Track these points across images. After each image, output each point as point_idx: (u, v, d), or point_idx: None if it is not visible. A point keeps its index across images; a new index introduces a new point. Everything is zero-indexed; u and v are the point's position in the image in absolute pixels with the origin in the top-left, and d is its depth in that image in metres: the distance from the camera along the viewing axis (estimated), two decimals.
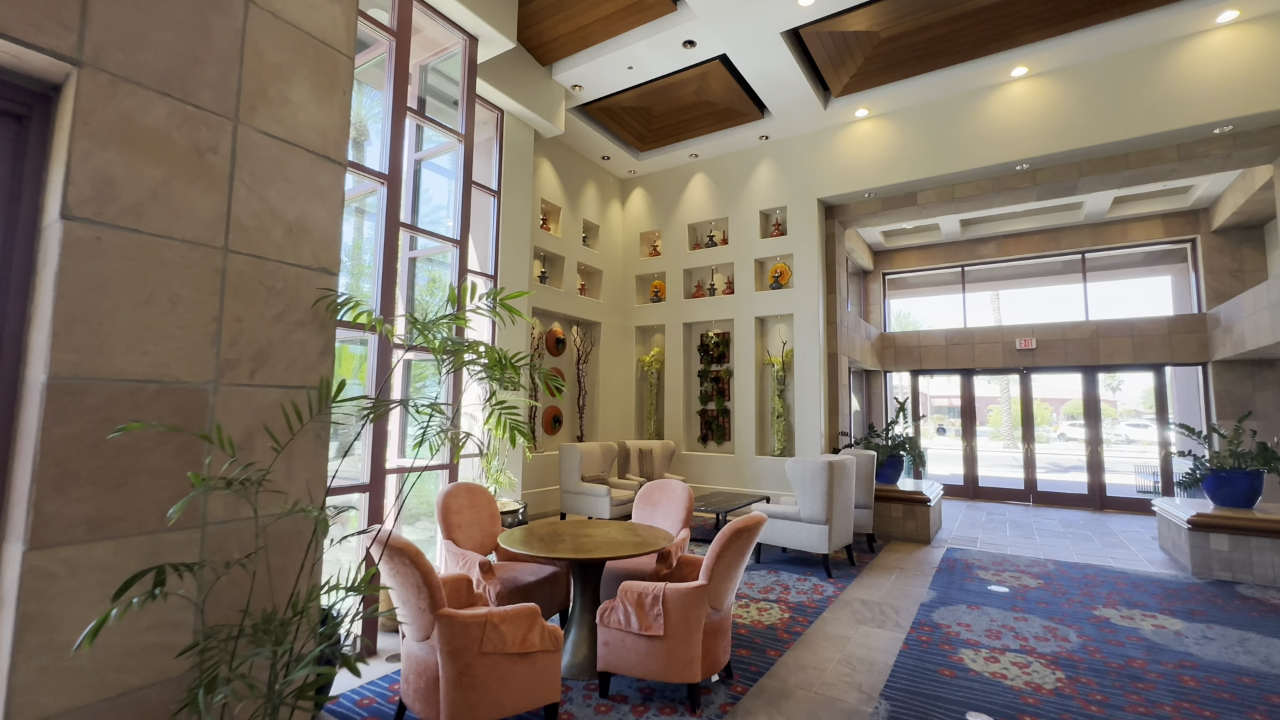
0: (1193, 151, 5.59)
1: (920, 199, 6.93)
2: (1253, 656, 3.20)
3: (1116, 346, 8.42)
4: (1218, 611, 3.95)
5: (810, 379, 7.09)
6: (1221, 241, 8.25)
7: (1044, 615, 3.84)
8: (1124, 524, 7.33)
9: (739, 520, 2.60)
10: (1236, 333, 7.01)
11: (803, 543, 4.82)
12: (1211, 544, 4.82)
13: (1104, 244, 9.06)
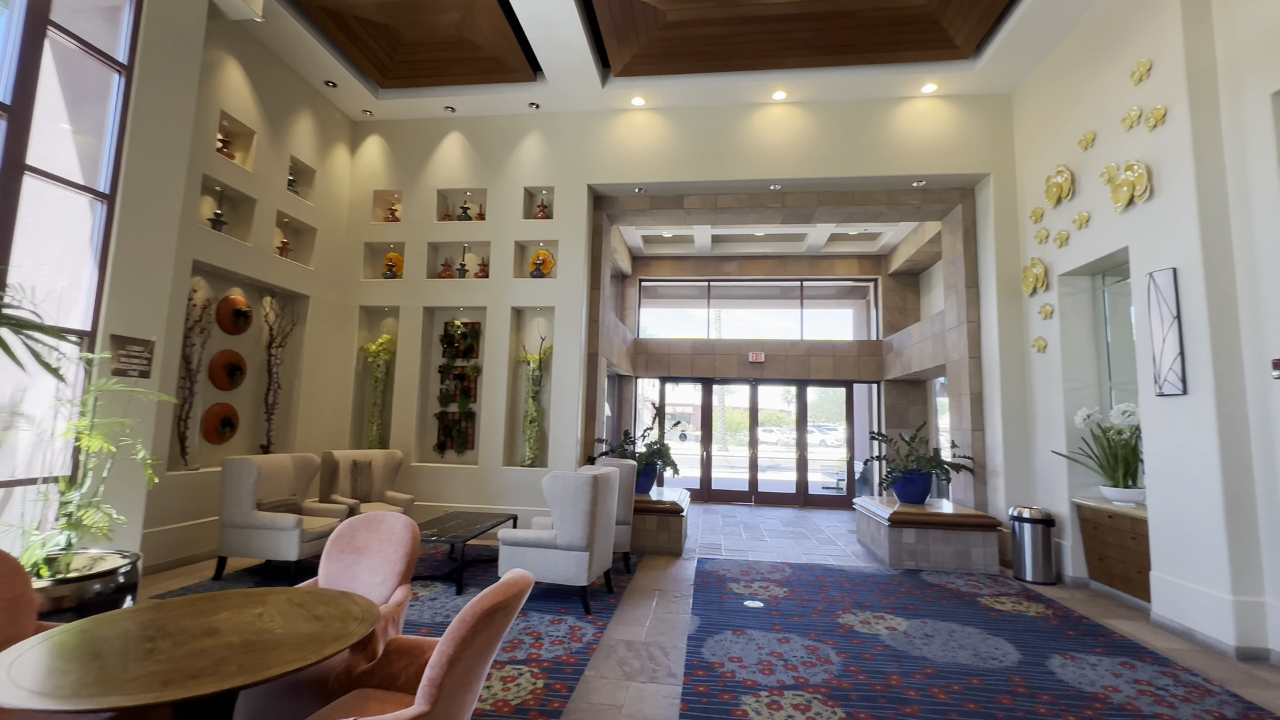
0: (898, 198, 6.52)
1: (687, 203, 6.85)
2: (967, 651, 3.43)
3: (822, 364, 9.74)
4: (921, 603, 4.35)
5: (569, 380, 6.40)
6: (894, 283, 10.23)
7: (801, 632, 3.70)
8: (824, 519, 8.35)
9: (494, 594, 1.61)
10: (905, 357, 8.60)
11: (559, 574, 4.00)
12: (904, 538, 5.50)
13: (818, 275, 10.50)
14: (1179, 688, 3.01)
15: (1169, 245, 3.97)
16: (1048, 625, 3.94)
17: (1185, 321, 3.83)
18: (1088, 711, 2.73)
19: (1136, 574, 4.39)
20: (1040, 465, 5.46)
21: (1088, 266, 4.99)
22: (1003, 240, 5.93)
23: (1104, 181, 4.60)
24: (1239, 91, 3.65)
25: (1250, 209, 3.59)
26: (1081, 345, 5.22)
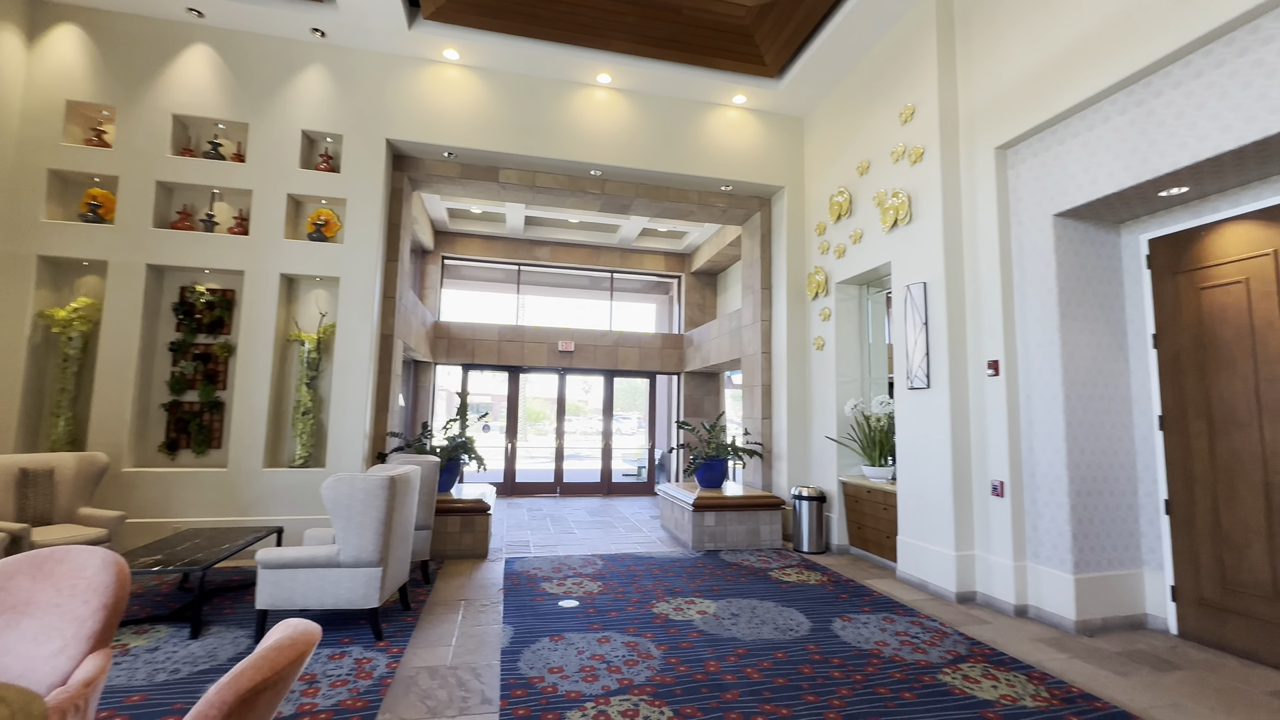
0: (708, 200, 6.87)
1: (503, 177, 6.34)
2: (769, 625, 3.67)
3: (629, 355, 9.97)
4: (724, 583, 4.60)
5: (357, 365, 5.47)
6: (696, 281, 10.90)
7: (620, 628, 3.60)
8: (627, 507, 8.55)
9: (258, 666, 1.10)
10: (704, 351, 9.21)
11: (344, 597, 3.32)
12: (705, 521, 5.82)
13: (628, 268, 10.71)
14: (925, 634, 3.58)
15: (922, 263, 4.74)
16: (826, 591, 4.44)
17: (931, 327, 4.60)
18: (869, 668, 3.07)
19: (886, 539, 5.21)
20: (816, 449, 6.21)
21: (859, 277, 5.78)
22: (793, 248, 6.60)
23: (875, 204, 5.35)
24: (974, 142, 4.49)
25: (977, 239, 4.44)
26: (851, 345, 6.05)
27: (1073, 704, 2.71)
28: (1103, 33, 3.52)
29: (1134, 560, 3.84)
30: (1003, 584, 4.06)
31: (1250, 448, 3.32)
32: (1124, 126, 3.49)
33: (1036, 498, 3.97)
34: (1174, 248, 3.75)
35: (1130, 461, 3.91)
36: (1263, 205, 3.30)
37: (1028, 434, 4.06)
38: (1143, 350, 3.91)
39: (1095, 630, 3.67)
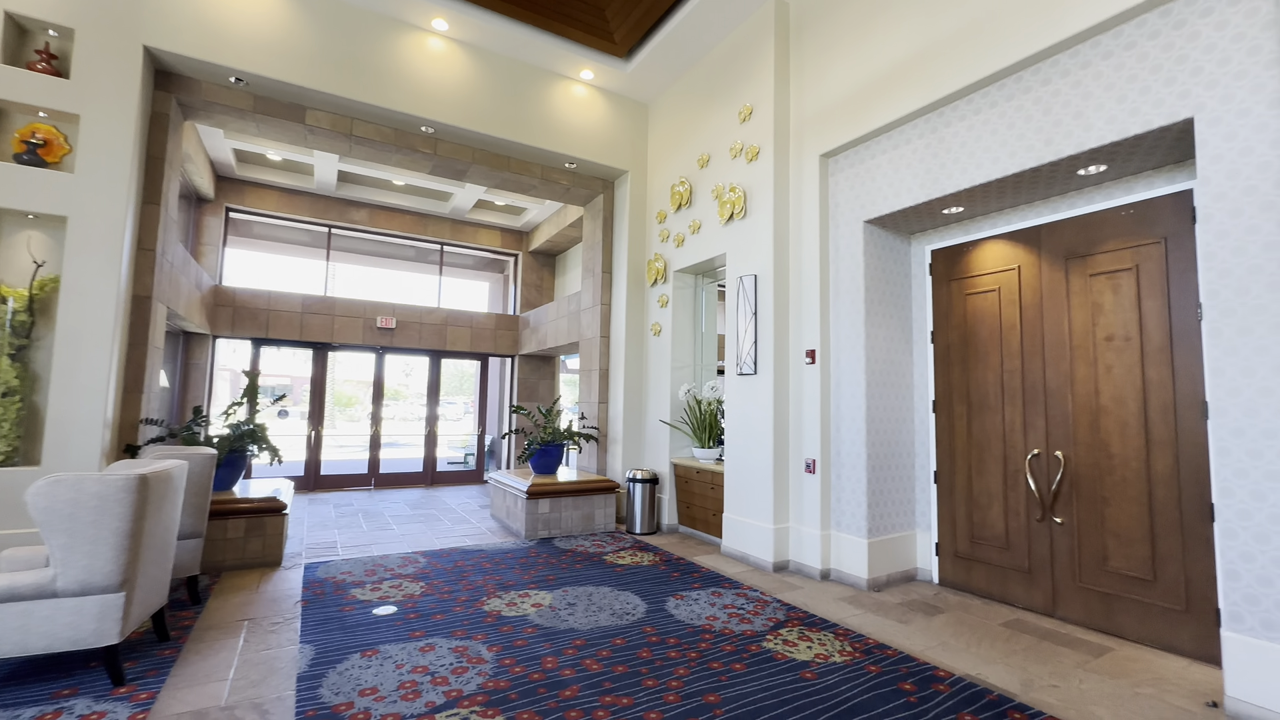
0: (552, 175, 6.59)
1: (311, 119, 5.39)
2: (606, 612, 3.61)
3: (460, 335, 9.30)
4: (559, 571, 4.46)
5: (92, 333, 4.25)
6: (534, 261, 10.51)
7: (446, 632, 3.26)
8: (454, 496, 8.00)
9: None
10: (541, 333, 8.93)
11: (64, 637, 2.51)
12: (539, 508, 5.62)
13: (460, 241, 9.94)
14: (749, 604, 3.81)
15: (754, 256, 5.03)
16: (659, 571, 4.54)
17: (760, 317, 4.91)
18: (703, 644, 3.15)
19: (712, 517, 5.50)
20: (650, 432, 6.35)
21: (696, 266, 5.99)
22: (634, 234, 6.63)
23: (713, 197, 5.56)
24: (802, 147, 4.85)
25: (802, 237, 4.82)
26: (686, 331, 6.26)
27: (871, 655, 3.06)
28: (908, 65, 3.99)
29: (910, 524, 4.51)
30: (811, 552, 4.50)
31: (995, 426, 4.06)
32: (922, 149, 4.00)
33: (841, 473, 4.46)
34: (949, 258, 4.43)
35: (911, 439, 4.57)
36: (1013, 228, 4.03)
37: (836, 417, 4.54)
38: (923, 345, 4.57)
39: (881, 586, 4.24)
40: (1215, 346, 2.68)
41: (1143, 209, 3.40)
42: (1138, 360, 3.37)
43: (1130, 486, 3.36)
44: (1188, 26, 2.80)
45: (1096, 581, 3.48)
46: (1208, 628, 3.04)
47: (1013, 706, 2.54)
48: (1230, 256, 2.64)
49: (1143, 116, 2.94)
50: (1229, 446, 2.61)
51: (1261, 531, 2.50)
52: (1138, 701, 2.63)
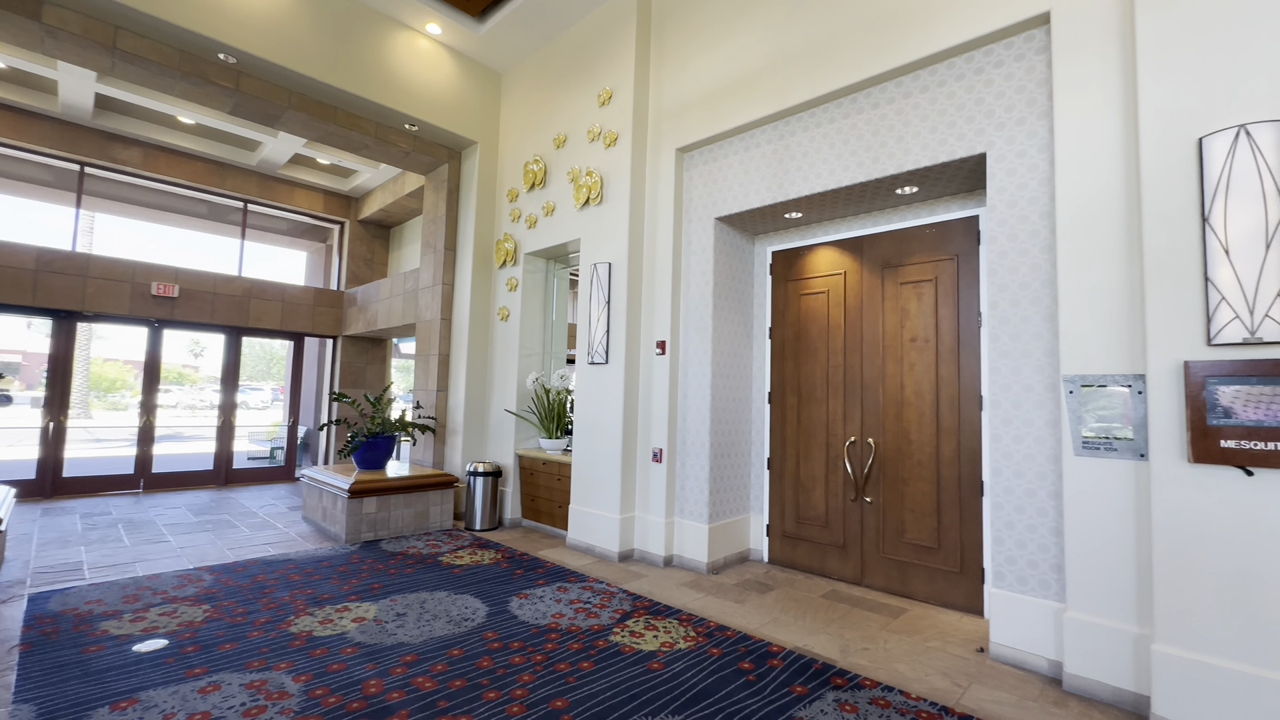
0: (387, 135, 5.87)
1: (51, 16, 4.15)
2: (441, 620, 3.29)
3: (268, 310, 7.99)
4: (387, 578, 4.00)
5: None
6: (364, 231, 9.38)
7: (237, 666, 2.71)
8: (255, 498, 6.87)
9: None
10: (371, 313, 8.01)
11: None
12: (364, 508, 5.01)
13: (271, 199, 8.51)
14: (596, 597, 3.74)
15: (610, 244, 4.95)
16: (500, 570, 4.28)
17: (613, 306, 4.85)
18: (549, 645, 3.00)
19: (558, 509, 5.36)
20: (495, 423, 6.00)
21: (549, 250, 5.76)
22: (483, 210, 6.19)
23: (570, 180, 5.37)
24: (660, 139, 4.87)
25: (656, 228, 4.85)
26: (535, 317, 6.01)
27: (712, 637, 3.15)
28: (761, 72, 4.17)
29: (745, 507, 4.79)
30: (656, 539, 4.57)
31: (820, 416, 4.46)
32: (770, 154, 4.22)
33: (686, 462, 4.58)
34: (788, 260, 4.76)
35: (748, 429, 4.85)
36: (842, 237, 4.43)
37: (683, 407, 4.65)
38: (762, 340, 4.87)
39: (719, 568, 4.45)
40: (992, 349, 3.16)
41: (942, 229, 3.93)
42: (933, 359, 3.90)
43: (924, 468, 3.89)
44: (985, 74, 3.25)
45: (896, 552, 3.99)
46: (976, 586, 3.62)
47: (835, 673, 2.77)
48: (1006, 274, 3.13)
49: (948, 148, 3.37)
50: (999, 433, 3.10)
51: (1019, 504, 3.01)
52: (928, 654, 3.03)
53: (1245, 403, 2.21)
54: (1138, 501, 2.56)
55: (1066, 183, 2.83)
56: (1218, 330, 2.26)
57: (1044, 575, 2.91)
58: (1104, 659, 2.60)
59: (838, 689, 2.61)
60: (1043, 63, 3.06)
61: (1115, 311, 2.67)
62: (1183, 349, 2.38)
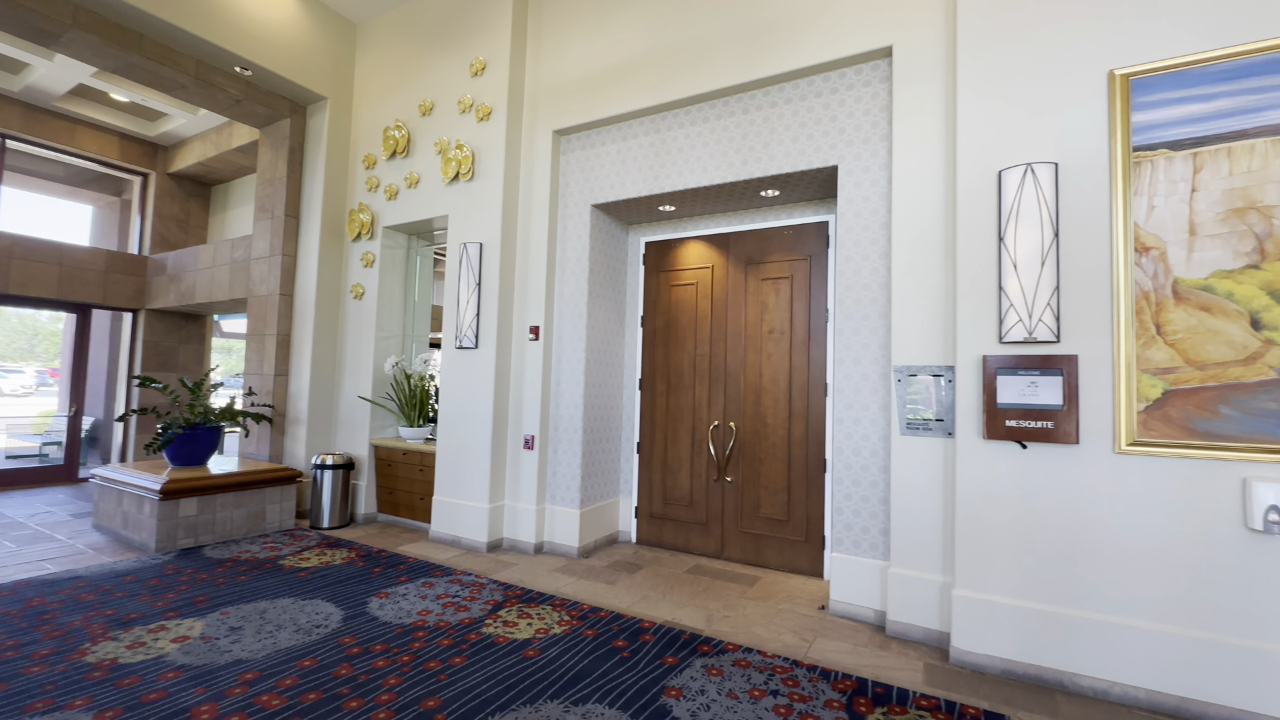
0: (212, 77, 5.03)
1: None
2: (288, 630, 2.96)
3: (37, 275, 6.49)
4: (215, 589, 3.50)
5: None
6: (177, 187, 7.95)
7: (11, 710, 2.21)
8: (23, 506, 5.61)
9: None
10: (186, 283, 6.85)
11: None
12: (181, 510, 4.32)
13: (42, 136, 6.86)
14: (465, 589, 3.61)
15: (481, 223, 4.73)
16: (356, 569, 3.96)
17: (484, 289, 4.66)
18: (416, 644, 2.85)
19: (420, 501, 5.06)
20: (345, 411, 5.49)
21: (412, 225, 5.35)
22: (334, 176, 5.57)
23: (437, 151, 5.03)
24: (536, 119, 4.74)
25: (531, 209, 4.73)
26: (395, 297, 5.57)
27: (586, 619, 3.21)
28: (641, 64, 4.24)
29: (615, 491, 4.91)
30: (526, 527, 4.52)
31: (687, 402, 4.69)
32: (647, 146, 4.31)
33: (558, 448, 4.57)
34: (660, 251, 4.91)
35: (619, 414, 4.95)
36: (711, 232, 4.68)
37: (556, 393, 4.62)
38: (634, 328, 4.99)
39: (590, 552, 4.52)
40: (837, 342, 3.56)
41: (799, 231, 4.31)
42: (788, 349, 4.29)
43: (778, 449, 4.28)
44: (839, 94, 3.62)
45: (752, 526, 4.35)
46: (819, 551, 4.08)
47: (702, 640, 2.97)
48: (850, 275, 3.53)
49: (807, 158, 3.70)
50: (841, 416, 3.51)
51: (856, 478, 3.44)
52: (780, 616, 3.36)
53: (1021, 389, 2.73)
54: (945, 473, 3.06)
55: (900, 199, 3.26)
56: (1007, 330, 2.76)
57: (874, 539, 3.36)
58: (918, 606, 3.08)
59: (704, 655, 2.81)
60: (885, 91, 3.47)
61: (934, 312, 3.14)
62: (982, 345, 2.87)
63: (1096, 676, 2.55)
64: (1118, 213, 2.61)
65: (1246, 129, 2.41)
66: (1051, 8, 2.82)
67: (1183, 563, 2.44)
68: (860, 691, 2.51)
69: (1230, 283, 2.41)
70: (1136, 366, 2.55)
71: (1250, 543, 2.34)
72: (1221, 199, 2.44)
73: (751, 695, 2.45)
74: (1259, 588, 2.32)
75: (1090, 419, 2.63)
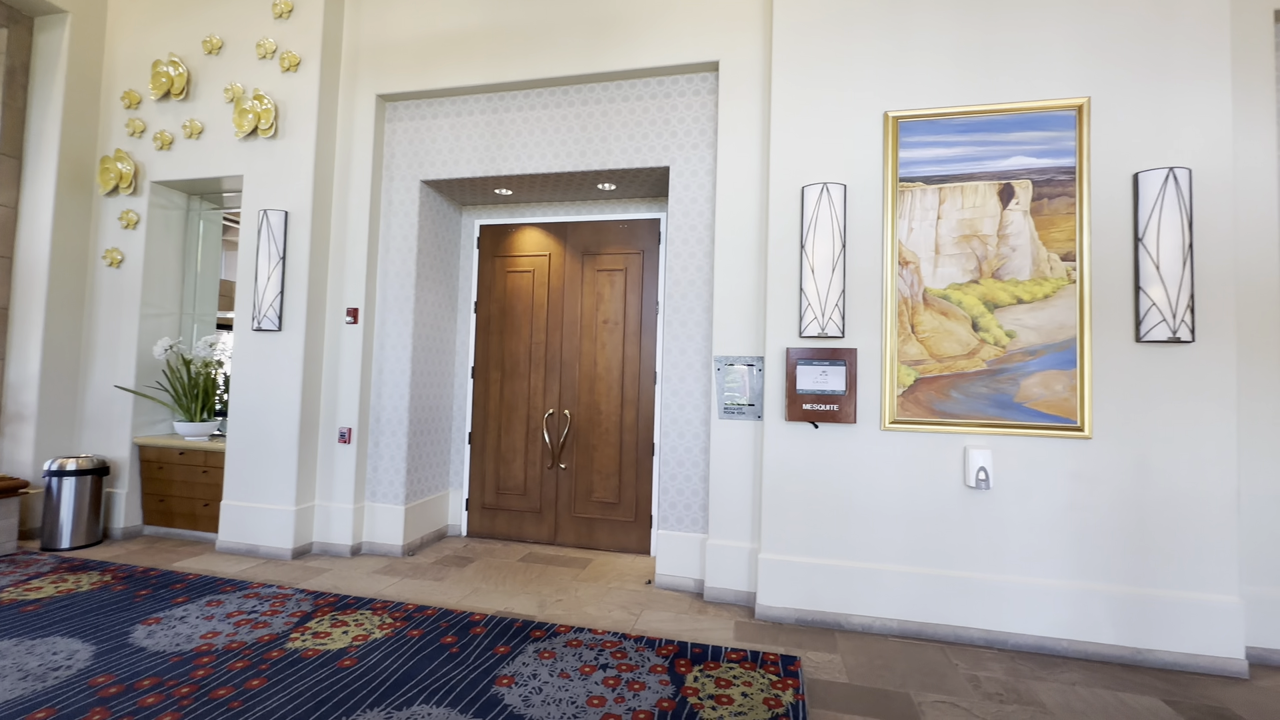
0: None
1: None
2: (10, 677, 2.36)
3: None
4: None
5: None
6: None
7: None
8: None
9: None
10: None
11: None
12: None
13: None
14: (264, 603, 3.19)
15: (286, 188, 4.16)
16: (113, 594, 3.28)
17: (291, 263, 4.12)
18: (199, 672, 2.46)
19: (203, 508, 4.34)
20: (97, 404, 4.48)
21: (193, 183, 4.52)
22: (77, 111, 4.47)
23: (228, 99, 4.30)
24: (357, 79, 4.28)
25: (351, 180, 4.27)
26: (170, 267, 4.67)
27: (411, 620, 3.04)
28: (479, 38, 4.05)
29: (444, 484, 4.69)
30: (341, 528, 4.12)
31: (522, 390, 4.64)
32: (484, 125, 4.15)
33: (380, 441, 4.23)
34: (496, 236, 4.77)
35: (450, 404, 4.73)
36: (549, 220, 4.66)
37: (378, 381, 4.27)
38: (467, 313, 4.79)
39: (416, 549, 4.27)
40: (666, 332, 3.79)
41: (633, 225, 4.49)
42: (621, 339, 4.46)
43: (610, 435, 4.44)
44: (673, 99, 3.83)
45: (585, 510, 4.46)
46: (647, 530, 4.33)
47: (534, 626, 2.99)
48: (679, 271, 3.78)
49: (641, 156, 3.86)
50: (669, 402, 3.76)
51: (680, 459, 3.72)
52: (610, 594, 3.52)
53: (815, 378, 3.18)
54: (755, 452, 3.44)
55: (723, 205, 3.57)
56: (805, 326, 3.19)
57: (695, 514, 3.67)
58: (731, 572, 3.43)
59: (537, 640, 2.83)
60: (713, 101, 3.76)
61: (749, 308, 3.49)
62: (786, 339, 3.28)
63: (863, 614, 3.09)
64: (888, 231, 3.14)
65: (974, 173, 3.07)
66: (845, 50, 3.28)
67: (924, 515, 3.06)
68: (681, 654, 2.73)
69: (960, 293, 3.06)
70: (898, 359, 3.11)
71: (967, 496, 3.01)
72: (956, 226, 3.07)
73: (582, 672, 2.54)
74: (971, 531, 3.00)
75: (865, 402, 3.15)
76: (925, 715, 2.29)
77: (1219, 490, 2.75)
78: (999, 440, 2.99)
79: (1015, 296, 2.99)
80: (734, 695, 2.38)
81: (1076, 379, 2.89)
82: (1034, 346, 2.95)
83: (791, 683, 2.49)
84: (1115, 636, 2.81)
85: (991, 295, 3.02)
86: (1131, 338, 2.87)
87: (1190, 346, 2.81)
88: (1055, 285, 2.95)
